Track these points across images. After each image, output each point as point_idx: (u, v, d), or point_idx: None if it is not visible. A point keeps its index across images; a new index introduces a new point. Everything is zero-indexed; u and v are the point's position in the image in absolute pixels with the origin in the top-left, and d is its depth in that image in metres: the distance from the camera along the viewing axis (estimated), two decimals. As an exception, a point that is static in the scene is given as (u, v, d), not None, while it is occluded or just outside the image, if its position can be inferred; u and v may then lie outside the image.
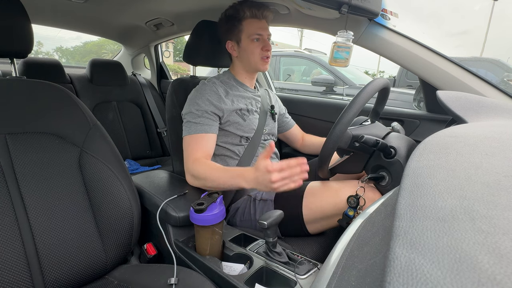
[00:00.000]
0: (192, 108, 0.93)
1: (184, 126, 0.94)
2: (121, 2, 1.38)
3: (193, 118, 0.92)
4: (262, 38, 0.98)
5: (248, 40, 0.98)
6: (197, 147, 0.89)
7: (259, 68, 1.02)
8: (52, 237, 0.64)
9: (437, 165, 0.29)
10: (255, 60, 1.00)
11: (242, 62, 1.03)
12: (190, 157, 0.88)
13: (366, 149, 0.76)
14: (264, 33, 0.98)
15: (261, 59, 1.00)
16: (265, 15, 0.99)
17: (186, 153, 0.90)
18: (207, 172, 0.82)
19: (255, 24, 0.97)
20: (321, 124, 1.36)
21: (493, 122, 0.51)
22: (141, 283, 0.64)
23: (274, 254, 0.65)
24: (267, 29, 1.00)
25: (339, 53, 0.90)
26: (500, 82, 3.69)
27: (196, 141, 0.90)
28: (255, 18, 0.97)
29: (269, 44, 0.99)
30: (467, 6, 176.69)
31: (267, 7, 0.99)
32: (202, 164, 0.85)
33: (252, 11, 0.96)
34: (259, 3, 0.97)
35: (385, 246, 0.22)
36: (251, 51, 0.98)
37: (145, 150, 1.92)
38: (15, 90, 0.70)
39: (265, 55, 0.99)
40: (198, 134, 0.90)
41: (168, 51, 2.72)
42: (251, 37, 0.97)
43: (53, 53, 20.55)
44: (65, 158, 0.69)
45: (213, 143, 0.93)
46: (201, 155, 0.89)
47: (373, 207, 0.39)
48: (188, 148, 0.90)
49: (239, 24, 0.98)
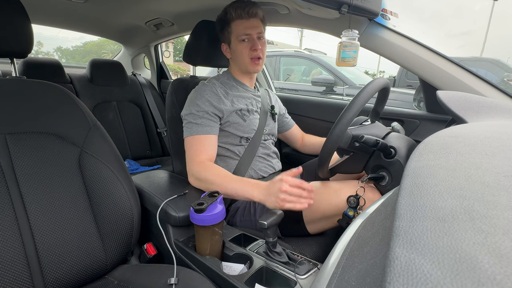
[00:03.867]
0: (193, 109, 0.92)
1: (185, 127, 0.94)
2: (121, 2, 1.38)
3: (194, 119, 0.91)
4: (250, 37, 0.97)
5: (236, 42, 0.98)
6: (200, 149, 0.89)
7: (249, 70, 1.00)
8: (52, 237, 0.64)
9: (437, 165, 0.29)
10: (244, 61, 0.99)
11: (235, 64, 1.04)
12: (194, 159, 0.88)
13: (366, 149, 0.76)
14: (252, 32, 0.96)
15: (251, 61, 0.98)
16: (252, 13, 0.96)
17: (190, 154, 0.90)
18: (215, 178, 0.82)
19: (242, 24, 0.96)
20: (321, 124, 1.36)
21: (493, 122, 0.51)
22: (141, 283, 0.64)
23: (274, 254, 0.65)
24: (257, 27, 0.97)
25: (346, 52, 0.90)
26: (500, 82, 3.69)
27: (199, 142, 0.90)
28: (241, 19, 0.96)
29: (256, 44, 0.96)
30: (469, 7, 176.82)
31: (254, 4, 0.96)
32: (209, 169, 0.85)
33: (237, 11, 0.95)
34: (244, 3, 0.96)
35: (385, 246, 0.22)
36: (240, 52, 0.98)
37: (145, 150, 1.92)
38: (15, 90, 0.70)
39: (254, 55, 0.97)
40: (200, 136, 0.90)
41: (168, 51, 2.72)
42: (239, 38, 0.97)
43: (53, 53, 20.57)
44: (65, 158, 0.69)
45: (215, 144, 0.93)
46: (205, 157, 0.88)
47: (373, 207, 0.39)
48: (191, 149, 0.90)
49: (228, 27, 0.98)
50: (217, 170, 0.85)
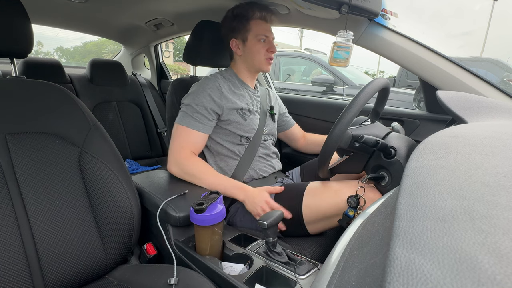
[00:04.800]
0: (192, 102, 0.94)
1: (180, 113, 0.96)
2: (121, 2, 1.38)
3: (191, 111, 0.93)
4: (268, 39, 1.01)
5: (255, 40, 0.99)
6: (189, 140, 0.92)
7: (263, 69, 1.04)
8: (52, 237, 0.64)
9: (437, 165, 0.28)
10: (260, 60, 1.01)
11: (245, 61, 1.04)
12: (180, 150, 0.91)
13: (366, 149, 0.76)
14: (270, 36, 1.01)
15: (266, 60, 1.02)
16: (272, 19, 1.03)
17: (176, 142, 0.92)
18: (202, 174, 0.88)
19: (263, 26, 1.00)
20: (321, 124, 1.36)
21: (493, 122, 0.51)
22: (141, 283, 0.64)
23: (274, 254, 0.65)
24: (272, 32, 1.04)
25: (339, 53, 0.90)
26: (500, 82, 3.69)
27: (188, 134, 0.92)
28: (264, 20, 1.00)
29: (274, 46, 1.02)
30: (469, 7, 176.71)
31: (275, 12, 1.04)
32: (197, 164, 0.89)
33: (262, 13, 0.99)
34: (269, 8, 1.01)
35: (385, 246, 0.22)
36: (257, 51, 1.00)
37: (145, 150, 1.92)
38: (15, 90, 0.70)
39: (269, 56, 1.02)
40: (192, 130, 0.92)
41: (168, 51, 2.72)
42: (258, 37, 0.99)
43: (53, 53, 20.57)
44: (65, 158, 0.69)
45: (203, 142, 0.96)
46: (192, 150, 0.92)
47: (373, 207, 0.39)
48: (179, 138, 0.92)
49: (247, 24, 0.99)
50: (204, 166, 0.91)
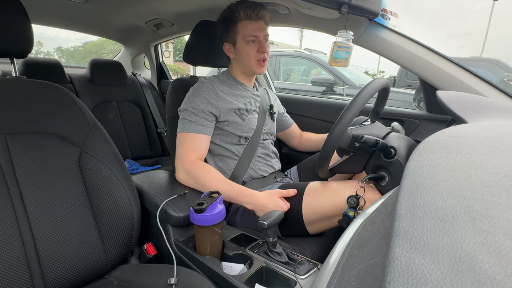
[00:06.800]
0: (189, 106, 0.93)
1: (179, 122, 0.94)
2: (121, 2, 1.38)
3: (189, 116, 0.92)
4: (257, 39, 0.97)
5: (243, 42, 0.96)
6: (193, 147, 0.90)
7: (255, 71, 1.01)
8: (52, 237, 0.64)
9: (437, 165, 0.28)
10: (250, 63, 0.98)
11: (239, 65, 1.03)
12: (186, 156, 0.89)
13: (366, 149, 0.76)
14: (260, 34, 0.96)
15: (257, 62, 0.98)
16: (261, 15, 0.96)
17: (181, 151, 0.91)
18: (208, 179, 0.85)
19: (250, 26, 0.95)
20: (321, 124, 1.36)
21: (493, 122, 0.51)
22: (141, 283, 0.64)
23: (274, 254, 0.65)
24: (264, 29, 0.98)
25: (339, 53, 0.90)
26: (500, 82, 3.69)
27: (192, 140, 0.90)
28: (250, 20, 0.95)
29: (264, 46, 0.97)
30: (469, 7, 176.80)
31: (263, 6, 0.96)
32: (202, 170, 0.86)
33: (247, 12, 0.94)
34: (254, 4, 0.95)
35: (385, 246, 0.22)
36: (246, 54, 0.97)
37: (145, 150, 1.92)
38: (15, 90, 0.70)
39: (261, 57, 0.97)
40: (193, 134, 0.91)
41: (168, 51, 2.72)
42: (246, 39, 0.95)
43: (53, 53, 20.57)
44: (65, 158, 0.69)
45: (207, 144, 0.94)
46: (198, 156, 0.90)
47: (373, 207, 0.39)
48: (183, 145, 0.91)
49: (234, 26, 0.96)
50: (211, 171, 0.87)
